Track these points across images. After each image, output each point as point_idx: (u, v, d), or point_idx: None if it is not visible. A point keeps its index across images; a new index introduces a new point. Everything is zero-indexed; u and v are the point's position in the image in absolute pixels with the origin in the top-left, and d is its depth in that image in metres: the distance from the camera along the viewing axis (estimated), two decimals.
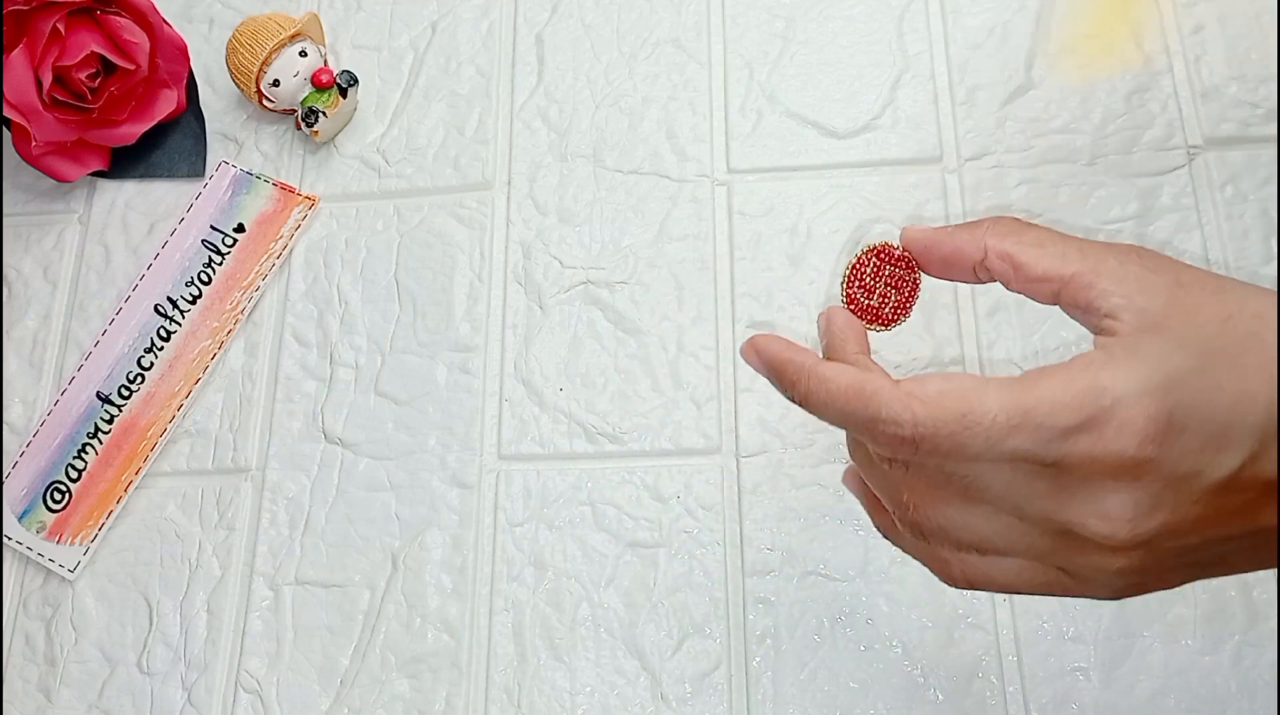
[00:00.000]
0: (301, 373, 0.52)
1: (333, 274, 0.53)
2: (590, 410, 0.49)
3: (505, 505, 0.48)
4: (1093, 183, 0.50)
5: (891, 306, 0.41)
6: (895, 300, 0.41)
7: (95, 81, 0.53)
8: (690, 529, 0.46)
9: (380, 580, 0.48)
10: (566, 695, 0.45)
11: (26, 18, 0.51)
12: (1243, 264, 0.48)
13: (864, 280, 0.41)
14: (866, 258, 0.41)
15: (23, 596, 0.50)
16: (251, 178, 0.55)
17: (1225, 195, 0.49)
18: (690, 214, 0.52)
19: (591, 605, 0.46)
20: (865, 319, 0.40)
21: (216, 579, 0.49)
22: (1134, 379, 0.26)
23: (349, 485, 0.49)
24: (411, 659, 0.46)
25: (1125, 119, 0.51)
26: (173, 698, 0.47)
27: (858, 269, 0.41)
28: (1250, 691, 0.41)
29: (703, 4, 0.56)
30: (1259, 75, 0.51)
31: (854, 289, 0.41)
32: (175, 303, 0.53)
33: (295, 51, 0.54)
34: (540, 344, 0.51)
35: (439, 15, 0.58)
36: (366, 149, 0.56)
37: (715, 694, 0.44)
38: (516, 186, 0.54)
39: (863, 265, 0.41)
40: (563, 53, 0.56)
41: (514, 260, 0.52)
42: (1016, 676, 0.43)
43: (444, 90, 0.56)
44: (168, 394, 0.51)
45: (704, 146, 0.53)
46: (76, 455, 0.51)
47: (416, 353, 0.51)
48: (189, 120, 0.57)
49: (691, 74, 0.55)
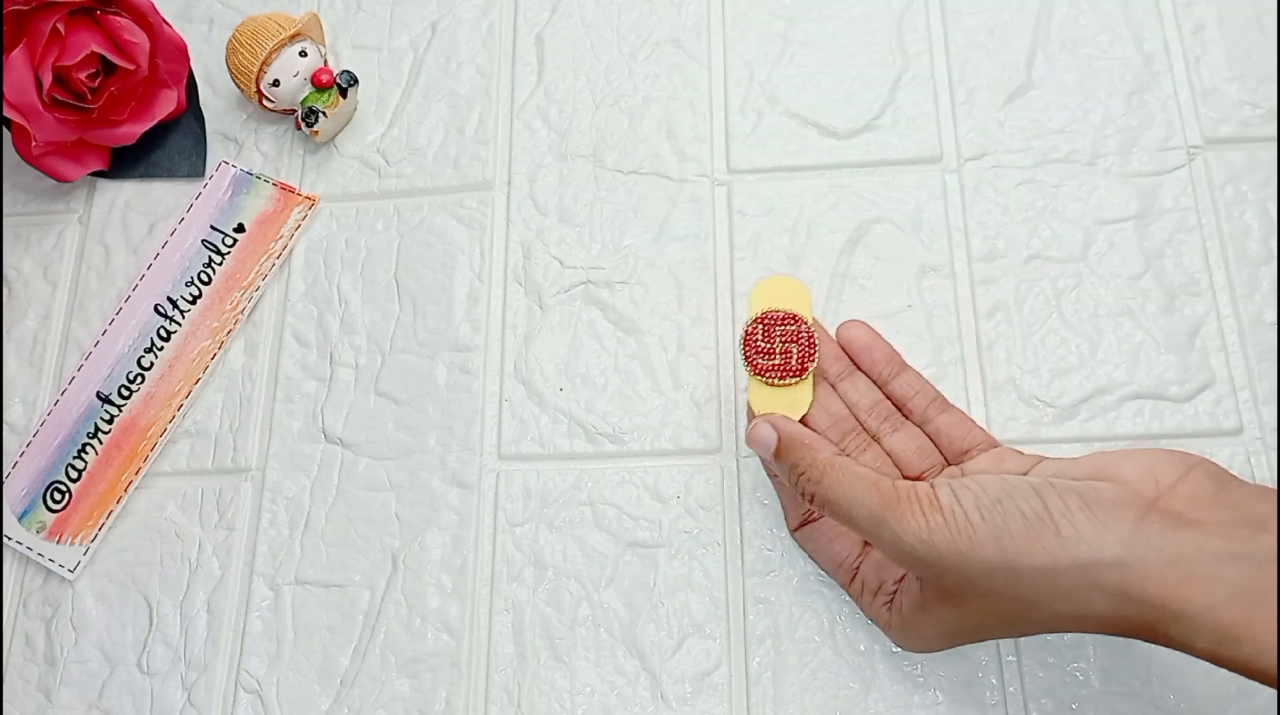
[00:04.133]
0: (301, 373, 0.52)
1: (333, 274, 0.53)
2: (590, 410, 0.49)
3: (505, 505, 0.48)
4: (1093, 183, 0.50)
5: (797, 357, 0.43)
6: (798, 352, 0.43)
7: (95, 81, 0.53)
8: (690, 529, 0.46)
9: (380, 580, 0.48)
10: (566, 695, 0.45)
11: (26, 18, 0.51)
12: (1243, 264, 0.48)
13: (759, 346, 0.43)
14: (753, 327, 0.44)
15: (23, 596, 0.50)
16: (251, 178, 0.55)
17: (1225, 195, 0.49)
18: (690, 214, 0.52)
19: (591, 605, 0.46)
20: (776, 376, 0.42)
21: (216, 579, 0.49)
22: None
23: (349, 485, 0.49)
24: (411, 659, 0.46)
25: (1125, 119, 0.51)
26: (173, 698, 0.47)
27: (750, 339, 0.43)
28: (1250, 691, 0.41)
29: (703, 4, 0.56)
30: (1259, 75, 0.51)
31: (754, 357, 0.43)
32: (175, 303, 0.53)
33: (295, 51, 0.54)
34: (540, 344, 0.51)
35: (439, 15, 0.58)
36: (366, 149, 0.56)
37: (715, 694, 0.44)
38: (516, 186, 0.54)
39: (753, 335, 0.44)
40: (563, 53, 0.56)
41: (514, 260, 0.52)
42: (1016, 676, 0.43)
43: (444, 90, 0.56)
44: (168, 394, 0.51)
45: (704, 146, 0.53)
46: (76, 455, 0.51)
47: (416, 353, 0.51)
48: (189, 120, 0.57)
49: (691, 74, 0.55)
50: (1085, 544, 0.33)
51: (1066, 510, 0.34)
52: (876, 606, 0.41)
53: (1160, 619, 0.32)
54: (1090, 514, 0.33)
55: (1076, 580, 0.33)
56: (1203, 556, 0.32)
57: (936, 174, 0.51)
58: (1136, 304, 0.48)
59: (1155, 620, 0.32)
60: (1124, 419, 0.46)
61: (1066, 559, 0.33)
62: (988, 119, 0.52)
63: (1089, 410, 0.46)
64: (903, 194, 0.51)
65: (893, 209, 0.51)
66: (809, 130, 0.53)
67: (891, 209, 0.51)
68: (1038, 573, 0.33)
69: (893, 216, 0.50)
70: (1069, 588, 0.33)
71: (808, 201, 0.51)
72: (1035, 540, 0.33)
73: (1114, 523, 0.33)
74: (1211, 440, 0.45)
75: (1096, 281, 0.48)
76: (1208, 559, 0.32)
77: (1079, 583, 0.33)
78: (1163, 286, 0.48)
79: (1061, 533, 0.33)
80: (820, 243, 0.50)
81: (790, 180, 0.52)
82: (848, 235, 0.50)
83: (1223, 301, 0.47)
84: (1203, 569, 0.32)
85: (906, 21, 0.54)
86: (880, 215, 0.51)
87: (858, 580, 0.42)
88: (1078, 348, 0.47)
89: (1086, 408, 0.46)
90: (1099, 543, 0.33)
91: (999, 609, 0.35)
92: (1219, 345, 0.46)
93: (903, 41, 0.54)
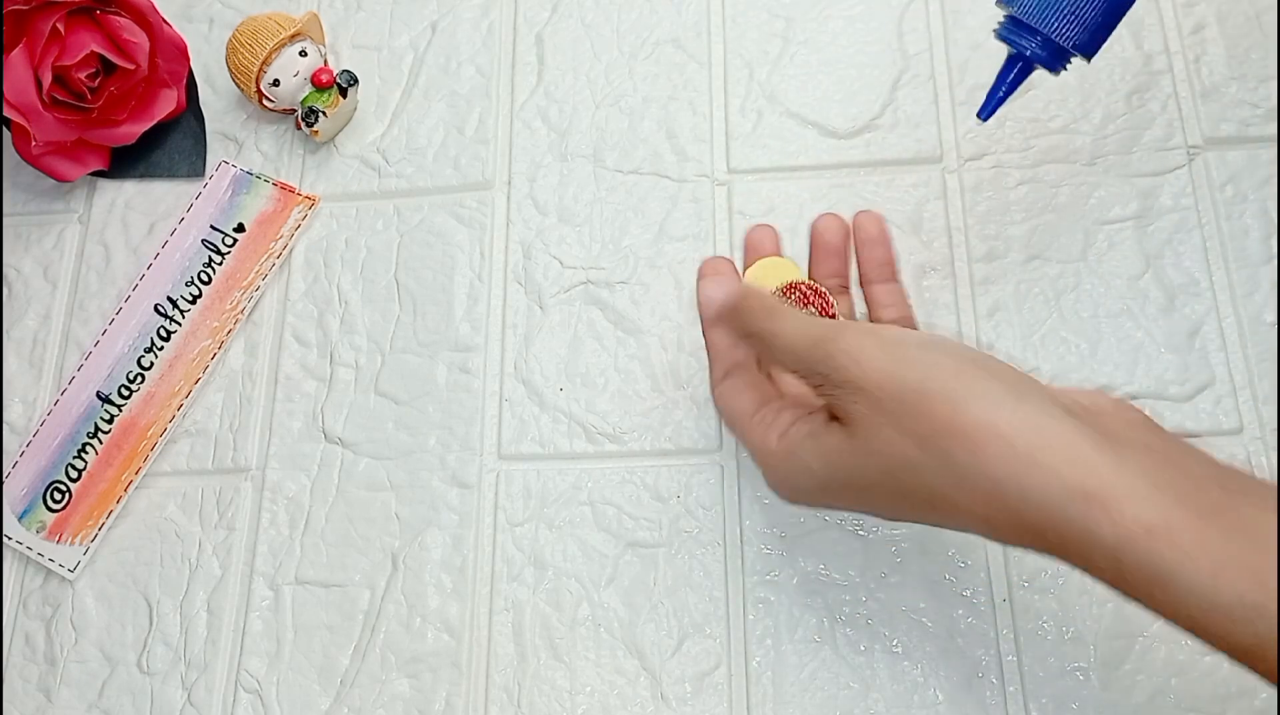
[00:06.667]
0: (301, 373, 0.52)
1: (333, 274, 0.53)
2: (590, 410, 0.49)
3: (505, 505, 0.48)
4: (1093, 183, 0.50)
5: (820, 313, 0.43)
6: (817, 310, 0.44)
7: (95, 81, 0.53)
8: (690, 529, 0.46)
9: (380, 580, 0.48)
10: (566, 695, 0.45)
11: (26, 18, 0.51)
12: (1243, 264, 0.48)
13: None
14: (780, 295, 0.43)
15: (23, 596, 0.50)
16: (251, 178, 0.55)
17: (1225, 195, 0.49)
18: (690, 214, 0.52)
19: (591, 605, 0.46)
20: None
21: (216, 579, 0.49)
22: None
23: (349, 485, 0.49)
24: (411, 659, 0.46)
25: (1125, 119, 0.51)
26: (173, 698, 0.47)
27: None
28: (1250, 691, 0.41)
29: (703, 4, 0.56)
30: (1259, 75, 0.51)
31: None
32: (175, 302, 0.53)
33: (295, 51, 0.54)
34: (540, 344, 0.51)
35: (439, 15, 0.58)
36: (366, 149, 0.56)
37: (715, 694, 0.44)
38: (516, 186, 0.54)
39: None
40: (563, 53, 0.56)
41: (514, 260, 0.52)
42: (1016, 676, 0.43)
43: (444, 90, 0.56)
44: (168, 394, 0.51)
45: (704, 146, 0.53)
46: (76, 455, 0.51)
47: (416, 353, 0.51)
48: (189, 120, 0.57)
49: (691, 74, 0.55)
50: (1010, 397, 0.31)
51: (1000, 372, 0.33)
52: (768, 433, 0.38)
53: (1065, 497, 0.29)
54: (1020, 381, 0.32)
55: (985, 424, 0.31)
56: (1128, 452, 0.30)
57: (936, 174, 0.51)
58: (1136, 304, 0.48)
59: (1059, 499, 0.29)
60: None
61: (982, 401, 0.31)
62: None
63: None
64: (903, 194, 0.51)
65: (893, 209, 0.51)
66: (809, 130, 0.53)
67: (891, 209, 0.51)
68: (947, 401, 0.31)
69: (893, 216, 0.50)
70: (972, 427, 0.31)
71: (808, 201, 0.51)
72: (958, 376, 0.32)
73: (1041, 397, 0.32)
74: (1211, 440, 0.45)
75: (1096, 281, 0.48)
76: (1133, 453, 0.30)
77: (985, 429, 0.31)
78: (1163, 286, 0.48)
79: (988, 383, 0.32)
80: None
81: (790, 180, 0.52)
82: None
83: (1223, 301, 0.47)
84: (1127, 459, 0.29)
85: (906, 21, 0.54)
86: (880, 215, 0.51)
87: (759, 414, 0.39)
88: (1078, 348, 0.47)
89: None
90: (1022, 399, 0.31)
91: (889, 449, 0.33)
92: (1219, 345, 0.46)
93: (903, 41, 0.54)
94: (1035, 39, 0.35)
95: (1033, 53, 0.36)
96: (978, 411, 0.31)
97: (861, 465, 0.34)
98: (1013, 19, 0.37)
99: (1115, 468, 0.29)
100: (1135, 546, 0.28)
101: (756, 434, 0.39)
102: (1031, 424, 0.30)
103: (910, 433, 0.32)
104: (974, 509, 0.32)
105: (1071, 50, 0.35)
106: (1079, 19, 0.34)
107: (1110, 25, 0.35)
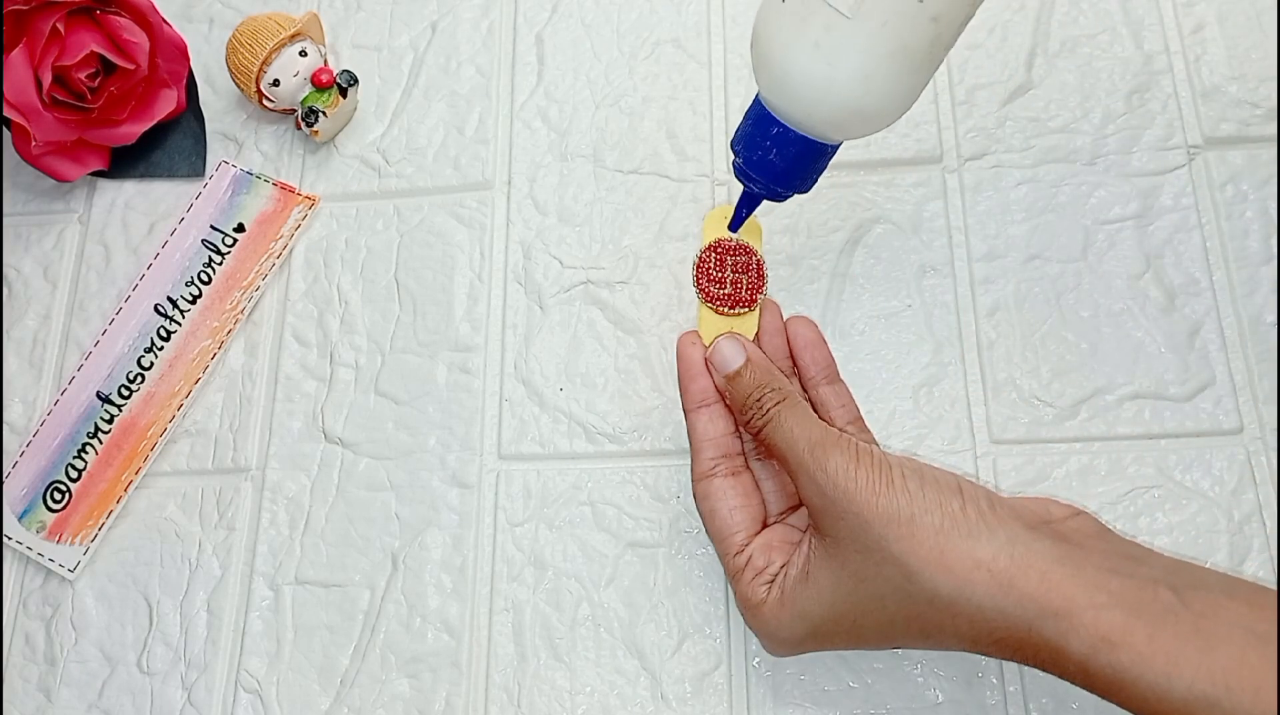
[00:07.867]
0: (301, 373, 0.52)
1: (333, 274, 0.53)
2: (590, 410, 0.49)
3: (505, 505, 0.48)
4: (1093, 182, 0.50)
5: (746, 287, 0.44)
6: (747, 283, 0.44)
7: (95, 81, 0.53)
8: (690, 529, 0.46)
9: (380, 580, 0.48)
10: (566, 695, 0.45)
11: (26, 17, 0.51)
12: (1243, 264, 0.48)
13: (711, 274, 0.44)
14: (706, 254, 0.45)
15: (23, 596, 0.50)
16: (251, 177, 0.55)
17: (1225, 195, 0.49)
18: (690, 214, 0.52)
19: (591, 605, 0.46)
20: (726, 305, 0.44)
21: (216, 579, 0.49)
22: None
23: (349, 485, 0.49)
24: (411, 659, 0.46)
25: (1125, 119, 0.51)
26: (173, 698, 0.47)
27: (703, 266, 0.45)
28: None
29: (703, 4, 0.56)
30: (1259, 75, 0.51)
31: (706, 284, 0.44)
32: (175, 302, 0.53)
33: (295, 51, 0.54)
34: (540, 344, 0.51)
35: (439, 15, 0.58)
36: (366, 149, 0.56)
37: (715, 694, 0.44)
38: (516, 186, 0.54)
39: (705, 262, 0.45)
40: (563, 53, 0.56)
41: (514, 260, 0.52)
42: (1016, 676, 0.43)
43: (444, 90, 0.56)
44: (168, 394, 0.52)
45: (704, 146, 0.53)
46: (76, 455, 0.51)
47: (416, 353, 0.51)
48: (189, 120, 0.57)
49: (691, 74, 0.55)
50: (984, 526, 0.35)
51: (975, 498, 0.36)
52: (756, 585, 0.40)
53: (1038, 615, 0.33)
54: (993, 509, 0.36)
55: (966, 556, 0.34)
56: (1087, 565, 0.34)
57: (936, 174, 0.51)
58: (1136, 304, 0.48)
59: (1033, 618, 0.33)
60: (1124, 419, 0.46)
61: (963, 532, 0.35)
62: (988, 118, 0.52)
63: (1089, 410, 0.46)
64: (902, 194, 0.51)
65: (892, 209, 0.51)
66: None
67: (891, 209, 0.51)
68: (934, 533, 0.35)
69: (892, 216, 0.50)
70: (957, 560, 0.34)
71: (807, 201, 0.51)
72: (941, 507, 0.36)
73: (1011, 521, 0.35)
74: (1211, 440, 0.45)
75: (1096, 281, 0.48)
76: (1092, 568, 0.34)
77: (968, 560, 0.34)
78: (1163, 286, 0.48)
79: (966, 512, 0.35)
80: (820, 242, 0.50)
81: None
82: (847, 235, 0.50)
83: (1223, 301, 0.47)
84: (1087, 575, 0.33)
85: None
86: (880, 215, 0.51)
87: (744, 554, 0.40)
88: (1078, 348, 0.47)
89: (1086, 408, 0.46)
90: (996, 528, 0.35)
91: (880, 575, 0.36)
92: (1219, 345, 0.46)
93: None
94: (758, 182, 0.41)
95: (758, 190, 0.42)
96: (963, 547, 0.35)
97: (853, 592, 0.37)
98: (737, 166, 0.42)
99: (1077, 582, 0.33)
100: (1099, 657, 0.32)
101: (742, 582, 0.41)
102: (1006, 552, 0.34)
103: (896, 562, 0.35)
104: (959, 630, 0.35)
105: (785, 191, 0.41)
106: (787, 173, 0.40)
107: (818, 169, 0.41)
